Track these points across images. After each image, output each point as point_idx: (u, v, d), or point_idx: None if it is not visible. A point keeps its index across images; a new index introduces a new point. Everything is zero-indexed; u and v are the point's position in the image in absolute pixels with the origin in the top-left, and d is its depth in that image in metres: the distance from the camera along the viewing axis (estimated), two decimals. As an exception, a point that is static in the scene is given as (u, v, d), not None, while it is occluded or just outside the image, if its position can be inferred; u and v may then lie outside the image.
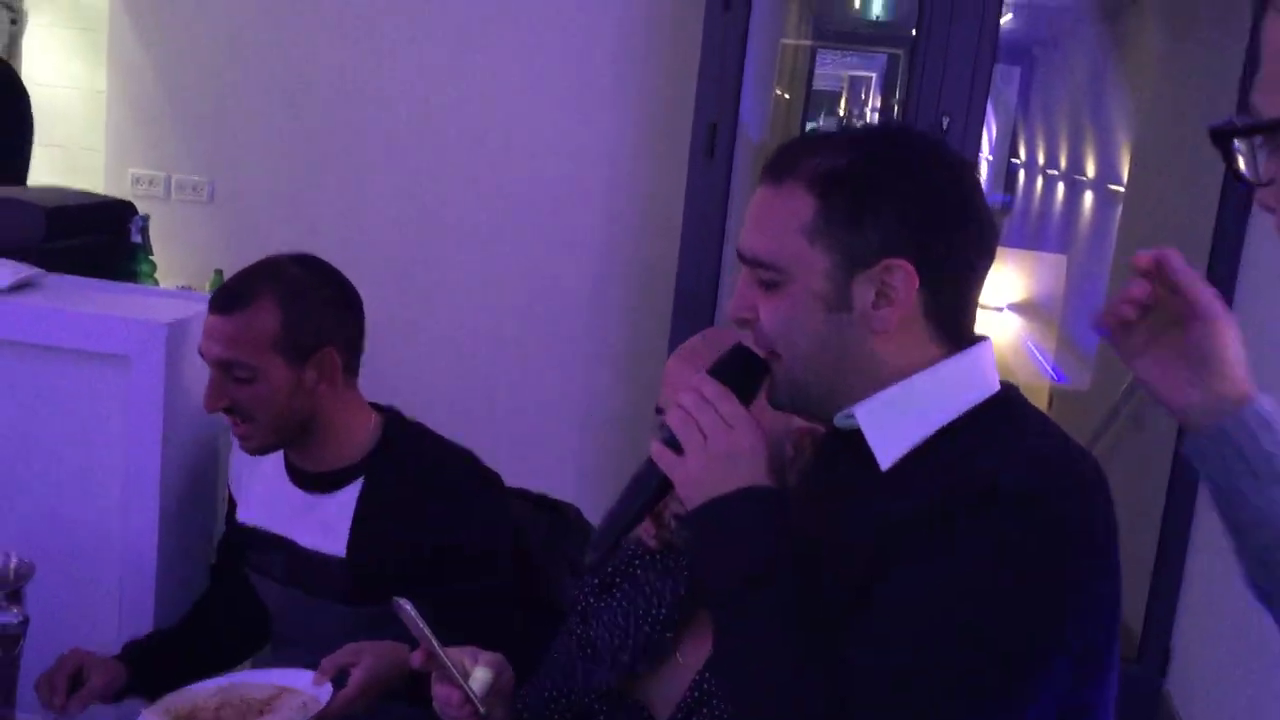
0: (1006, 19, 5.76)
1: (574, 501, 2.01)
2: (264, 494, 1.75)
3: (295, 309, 1.60)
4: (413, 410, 1.84)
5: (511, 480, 2.01)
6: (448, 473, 1.70)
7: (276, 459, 1.74)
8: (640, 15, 3.34)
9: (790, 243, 1.02)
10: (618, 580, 1.37)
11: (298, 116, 3.47)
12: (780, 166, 1.05)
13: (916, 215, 1.02)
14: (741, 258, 1.07)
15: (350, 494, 1.67)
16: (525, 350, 3.47)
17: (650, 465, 1.07)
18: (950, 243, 1.03)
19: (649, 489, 1.08)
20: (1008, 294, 5.76)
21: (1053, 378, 5.15)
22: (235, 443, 1.70)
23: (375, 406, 1.76)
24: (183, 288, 3.39)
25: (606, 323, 3.43)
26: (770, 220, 1.05)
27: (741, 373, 1.07)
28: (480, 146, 3.43)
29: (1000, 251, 4.39)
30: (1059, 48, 6.59)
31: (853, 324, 1.03)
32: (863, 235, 1.01)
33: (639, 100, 3.37)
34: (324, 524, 1.67)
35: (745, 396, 1.06)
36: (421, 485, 1.66)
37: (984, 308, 5.29)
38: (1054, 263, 5.09)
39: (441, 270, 3.48)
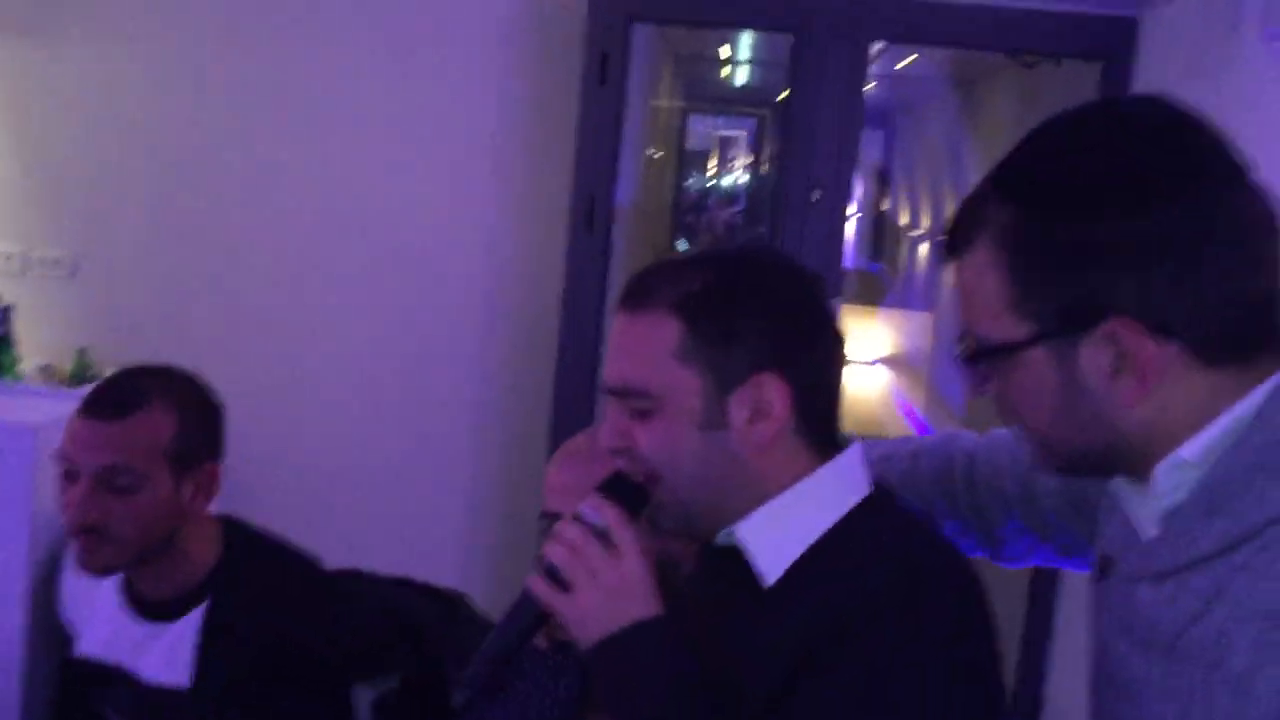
0: (869, 86, 5.98)
1: (460, 587, 1.99)
2: (103, 624, 1.65)
3: (189, 417, 1.54)
4: (286, 495, 1.80)
5: (394, 567, 1.98)
6: (293, 585, 1.63)
7: (112, 586, 1.64)
8: (515, 89, 3.37)
9: (661, 368, 1.04)
10: (509, 679, 1.37)
11: (167, 189, 3.39)
12: (639, 294, 1.07)
13: (781, 329, 1.05)
14: (610, 390, 1.07)
15: (193, 620, 1.58)
16: (404, 428, 3.43)
17: (527, 597, 1.05)
18: (813, 353, 1.07)
19: (526, 622, 1.06)
20: (877, 349, 5.92)
21: (921, 432, 5.30)
22: (68, 567, 1.61)
23: (213, 517, 1.66)
24: (44, 367, 3.27)
25: (487, 398, 3.41)
26: (637, 348, 1.06)
27: (624, 498, 1.06)
28: (355, 222, 3.40)
29: (870, 309, 4.51)
30: (918, 114, 6.87)
31: (730, 441, 1.04)
32: (732, 353, 1.04)
33: (514, 173, 3.39)
34: (166, 654, 1.58)
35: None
36: (266, 603, 1.59)
37: (854, 362, 5.39)
38: (921, 320, 5.26)
39: (315, 347, 3.42)
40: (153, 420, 1.52)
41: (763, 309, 1.05)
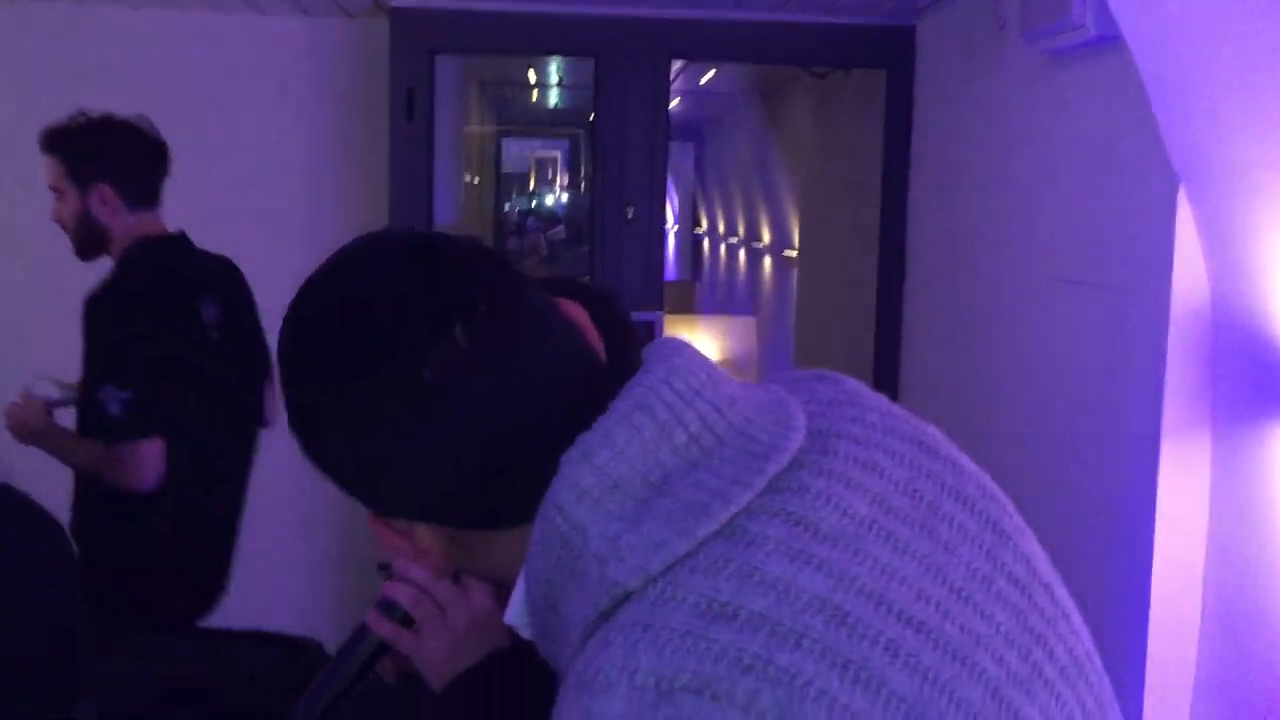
0: (675, 103, 6.14)
1: (311, 634, 1.98)
2: None
3: None
4: None
5: (239, 620, 1.96)
6: None
7: None
8: (326, 130, 3.36)
9: None
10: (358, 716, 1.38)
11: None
12: None
13: None
14: None
15: None
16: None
17: (363, 634, 1.02)
18: None
19: (363, 660, 1.02)
20: (708, 355, 6.03)
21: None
22: None
23: None
24: None
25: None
26: None
27: None
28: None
29: (695, 318, 4.62)
30: (725, 125, 7.07)
31: None
32: None
33: (330, 213, 3.37)
34: None
35: None
36: None
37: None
38: (745, 324, 5.41)
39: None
40: None
41: None
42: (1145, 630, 1.93)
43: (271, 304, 3.33)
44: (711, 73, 5.10)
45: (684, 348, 0.82)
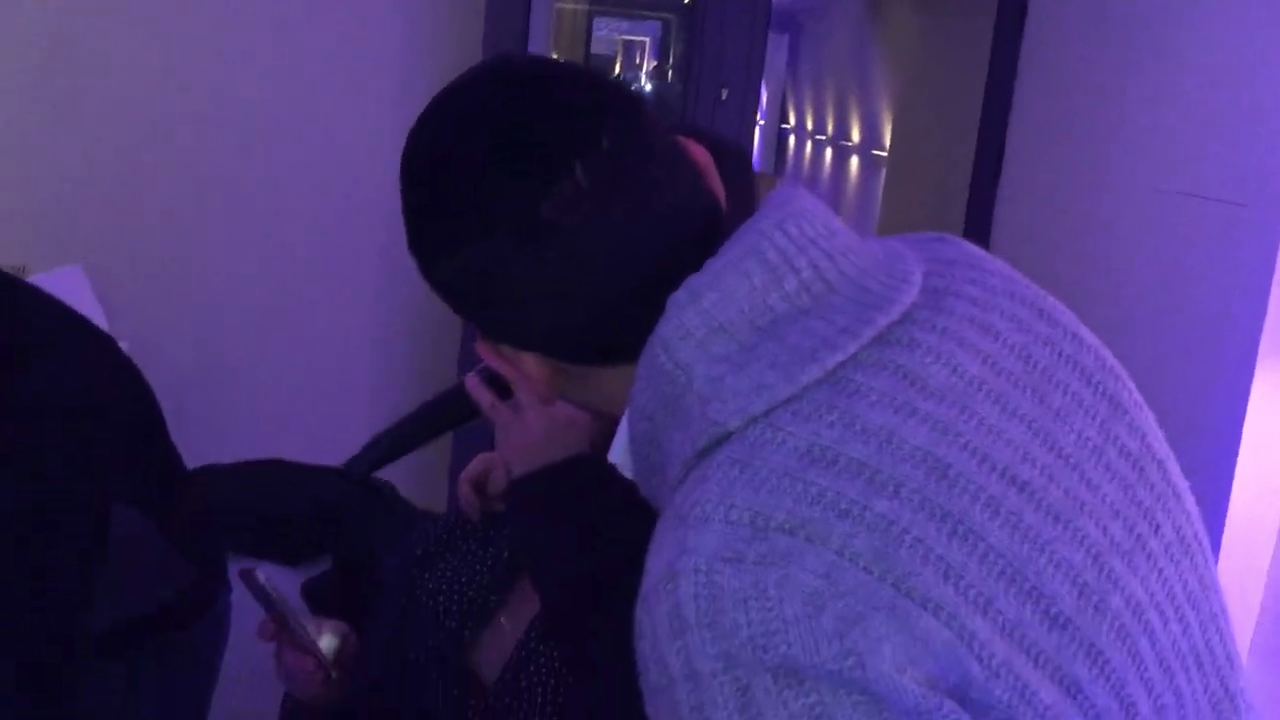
0: (775, -11, 5.99)
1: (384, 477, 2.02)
2: None
3: None
4: (198, 391, 1.76)
5: (308, 456, 2.00)
6: None
7: None
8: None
9: None
10: (440, 552, 1.41)
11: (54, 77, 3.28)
12: None
13: None
14: None
15: None
16: (314, 319, 3.40)
17: (451, 398, 1.01)
18: None
19: (448, 418, 1.02)
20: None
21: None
22: None
23: None
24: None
25: (397, 286, 3.37)
26: None
27: None
28: (258, 119, 3.33)
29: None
30: (824, 17, 6.88)
31: None
32: None
33: (424, 82, 3.35)
34: None
35: None
36: None
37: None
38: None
39: (220, 230, 3.34)
40: None
41: None
42: (1218, 548, 1.91)
43: (364, 149, 3.34)
44: (816, -40, 4.94)
45: (802, 196, 0.81)
